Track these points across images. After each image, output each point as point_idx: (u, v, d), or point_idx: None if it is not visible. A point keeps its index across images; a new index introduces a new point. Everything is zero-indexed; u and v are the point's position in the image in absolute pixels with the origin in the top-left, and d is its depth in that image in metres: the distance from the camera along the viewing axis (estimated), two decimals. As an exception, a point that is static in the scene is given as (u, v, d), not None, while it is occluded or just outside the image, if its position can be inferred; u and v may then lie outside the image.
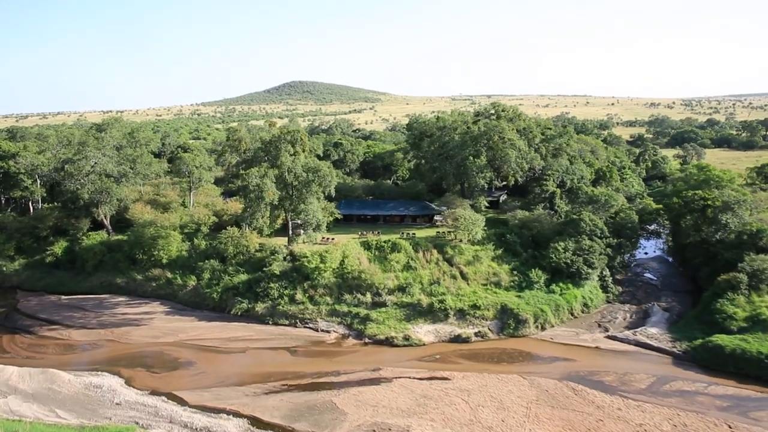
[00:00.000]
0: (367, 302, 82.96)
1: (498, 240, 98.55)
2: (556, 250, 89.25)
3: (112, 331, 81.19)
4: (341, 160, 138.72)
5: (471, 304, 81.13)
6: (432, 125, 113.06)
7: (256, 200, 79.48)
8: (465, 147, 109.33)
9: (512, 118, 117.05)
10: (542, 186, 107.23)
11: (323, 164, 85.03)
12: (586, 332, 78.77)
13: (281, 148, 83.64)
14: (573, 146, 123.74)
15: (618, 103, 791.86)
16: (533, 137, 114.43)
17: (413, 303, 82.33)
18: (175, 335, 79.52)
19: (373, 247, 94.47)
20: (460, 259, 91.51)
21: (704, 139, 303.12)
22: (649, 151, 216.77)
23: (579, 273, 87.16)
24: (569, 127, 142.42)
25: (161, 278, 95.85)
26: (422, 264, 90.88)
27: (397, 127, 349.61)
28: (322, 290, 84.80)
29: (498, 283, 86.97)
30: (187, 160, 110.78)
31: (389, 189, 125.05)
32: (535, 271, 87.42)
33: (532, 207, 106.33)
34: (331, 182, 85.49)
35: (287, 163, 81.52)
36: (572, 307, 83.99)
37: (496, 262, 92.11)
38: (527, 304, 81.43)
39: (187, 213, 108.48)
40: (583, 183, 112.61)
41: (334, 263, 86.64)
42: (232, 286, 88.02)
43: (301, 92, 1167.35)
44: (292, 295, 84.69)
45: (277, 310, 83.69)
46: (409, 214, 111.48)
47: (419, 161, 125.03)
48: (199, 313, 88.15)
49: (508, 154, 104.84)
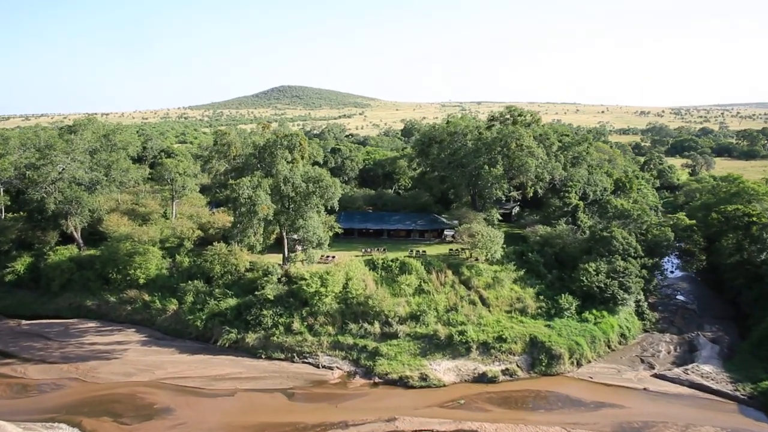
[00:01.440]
0: (375, 333, 71.93)
1: (518, 259, 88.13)
2: (586, 272, 78.98)
3: (77, 367, 69.30)
4: (339, 167, 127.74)
5: (496, 335, 70.47)
6: (442, 130, 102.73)
7: (247, 215, 68.32)
8: (479, 154, 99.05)
9: (529, 123, 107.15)
10: (564, 198, 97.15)
11: (325, 173, 73.99)
12: (629, 369, 68.45)
13: (277, 155, 72.52)
14: (593, 155, 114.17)
15: (608, 111, 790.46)
16: (551, 144, 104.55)
17: (429, 334, 71.47)
18: (152, 372, 67.84)
19: (379, 267, 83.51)
20: (478, 281, 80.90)
21: (704, 148, 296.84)
22: (654, 160, 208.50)
23: (614, 298, 76.93)
24: (588, 134, 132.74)
25: (137, 301, 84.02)
26: (436, 287, 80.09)
27: (390, 133, 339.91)
28: (323, 318, 73.64)
29: (524, 311, 76.41)
30: (170, 166, 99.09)
31: (392, 199, 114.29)
32: (565, 297, 77.03)
33: (553, 222, 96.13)
34: (334, 194, 74.54)
35: (284, 171, 70.38)
36: (609, 339, 73.69)
37: (518, 285, 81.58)
38: (559, 336, 70.97)
39: (169, 225, 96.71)
40: (606, 195, 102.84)
41: (336, 286, 75.51)
42: (219, 312, 76.46)
43: (290, 97, 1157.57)
44: (288, 323, 73.39)
45: (271, 341, 72.36)
46: (417, 229, 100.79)
47: (426, 169, 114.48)
48: (180, 343, 76.50)
49: (527, 163, 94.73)
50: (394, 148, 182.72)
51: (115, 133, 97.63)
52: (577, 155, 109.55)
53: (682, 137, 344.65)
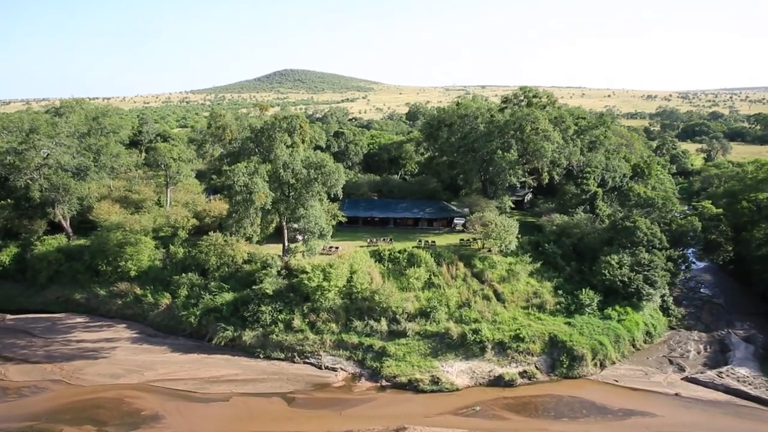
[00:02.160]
0: (382, 331, 66.73)
1: (533, 250, 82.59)
2: (609, 265, 73.38)
3: (61, 367, 64.43)
4: (343, 152, 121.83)
5: (512, 334, 65.17)
6: (452, 113, 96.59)
7: (243, 204, 62.74)
8: (491, 138, 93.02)
9: (545, 106, 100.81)
10: (582, 185, 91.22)
11: (328, 158, 68.19)
12: (657, 371, 63.17)
13: (276, 138, 66.66)
14: (611, 139, 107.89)
15: (614, 95, 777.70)
16: (566, 128, 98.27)
17: (440, 332, 66.23)
18: (141, 373, 62.92)
19: (385, 259, 78.15)
20: (492, 274, 75.48)
21: (716, 132, 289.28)
22: (667, 144, 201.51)
23: (638, 293, 71.43)
24: (606, 116, 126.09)
25: (128, 294, 78.93)
26: (447, 281, 74.72)
27: (394, 116, 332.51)
28: (325, 315, 68.43)
29: (541, 306, 71.06)
30: (163, 151, 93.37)
31: (399, 186, 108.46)
32: (586, 292, 71.55)
33: (570, 210, 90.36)
34: (338, 181, 68.84)
35: (283, 156, 64.63)
36: (634, 337, 68.31)
37: (535, 279, 76.15)
38: (581, 335, 65.63)
39: (163, 213, 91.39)
40: (626, 181, 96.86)
41: (340, 280, 70.13)
42: (214, 307, 71.28)
43: (292, 81, 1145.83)
44: (288, 320, 68.23)
45: (270, 339, 67.26)
46: (425, 217, 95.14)
47: (434, 154, 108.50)
48: (172, 340, 71.58)
49: (543, 148, 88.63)
50: (399, 132, 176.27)
51: (105, 115, 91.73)
52: (594, 139, 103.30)
53: (693, 121, 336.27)
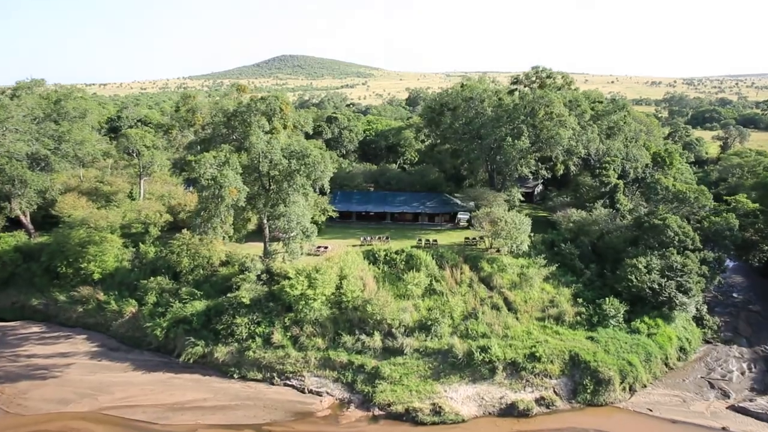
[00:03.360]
0: (375, 348, 57.59)
1: (548, 250, 73.34)
2: (635, 270, 64.06)
3: (2, 390, 55.44)
4: (336, 138, 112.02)
5: (527, 352, 56.02)
6: (456, 95, 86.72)
7: (212, 200, 53.21)
8: (499, 124, 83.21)
9: (560, 87, 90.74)
10: (601, 176, 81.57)
11: (313, 146, 58.46)
12: (697, 397, 54.09)
13: (251, 123, 56.92)
14: (631, 125, 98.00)
15: (618, 81, 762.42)
16: (582, 113, 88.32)
17: (442, 350, 57.08)
18: (94, 398, 54.01)
19: (380, 261, 68.91)
20: (501, 279, 66.23)
21: (728, 119, 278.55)
22: (680, 131, 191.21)
23: (670, 302, 62.19)
24: (626, 101, 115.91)
25: (91, 301, 69.83)
26: (450, 286, 65.49)
27: (394, 102, 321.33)
28: (310, 328, 59.29)
29: (559, 318, 61.88)
30: (134, 138, 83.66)
31: (397, 176, 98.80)
32: (611, 301, 62.34)
33: (588, 205, 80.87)
34: (324, 172, 59.24)
35: (259, 144, 54.93)
36: (667, 355, 59.14)
37: (551, 284, 66.92)
38: (606, 353, 56.47)
39: (134, 208, 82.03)
40: (649, 172, 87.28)
41: (327, 287, 60.85)
42: (183, 318, 62.05)
43: (291, 66, 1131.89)
44: (267, 334, 59.12)
45: (246, 357, 58.19)
46: (426, 212, 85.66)
47: (436, 141, 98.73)
48: (136, 355, 62.62)
49: (558, 134, 78.86)
50: (398, 118, 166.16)
51: (68, 98, 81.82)
52: (612, 125, 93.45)
53: (702, 108, 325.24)
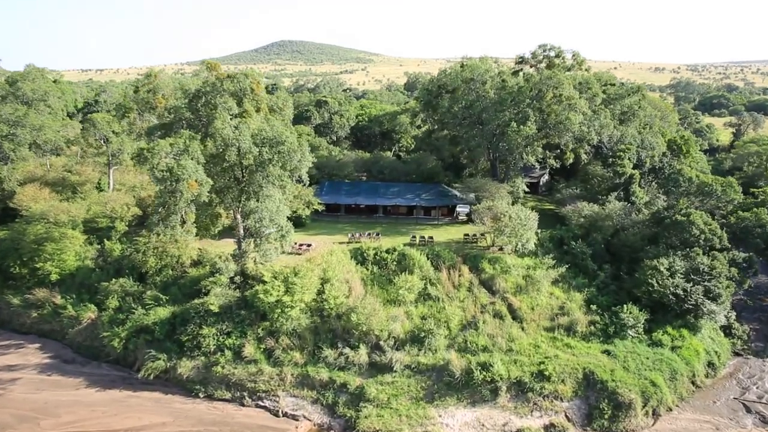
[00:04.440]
0: (360, 363, 50.35)
1: (556, 248, 65.93)
2: (656, 272, 56.61)
3: (-69, 413, 48.29)
4: (326, 124, 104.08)
5: (534, 370, 48.77)
6: (455, 76, 78.66)
7: (169, 195, 45.62)
8: (502, 108, 75.35)
9: (569, 68, 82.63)
10: (615, 166, 73.85)
11: (287, 132, 50.51)
12: (731, 423, 46.88)
13: (217, 105, 49.13)
14: (647, 110, 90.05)
15: (620, 67, 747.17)
16: (593, 96, 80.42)
17: (437, 366, 49.84)
18: (36, 423, 46.90)
19: (369, 261, 61.52)
20: (505, 282, 58.85)
21: (737, 105, 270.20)
22: (690, 118, 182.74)
23: (696, 310, 54.86)
24: (641, 83, 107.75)
25: (46, 305, 62.59)
26: (447, 291, 58.11)
27: (392, 87, 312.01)
28: (287, 340, 52.03)
29: (571, 328, 54.53)
30: (101, 123, 75.86)
31: (391, 165, 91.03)
32: (629, 308, 54.98)
33: (600, 197, 73.35)
34: (302, 162, 51.54)
35: (225, 130, 47.13)
36: (694, 372, 51.89)
37: (560, 288, 59.53)
38: (626, 370, 49.23)
39: (101, 200, 74.54)
40: (668, 161, 79.56)
41: (307, 293, 53.45)
42: (145, 327, 54.77)
43: (290, 52, 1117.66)
44: (237, 347, 51.87)
45: (213, 373, 51.00)
46: (422, 205, 78.07)
47: (433, 127, 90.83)
48: (92, 369, 55.59)
49: (569, 120, 71.11)
50: (395, 103, 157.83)
51: (25, 79, 73.88)
52: (626, 110, 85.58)
53: (710, 94, 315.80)
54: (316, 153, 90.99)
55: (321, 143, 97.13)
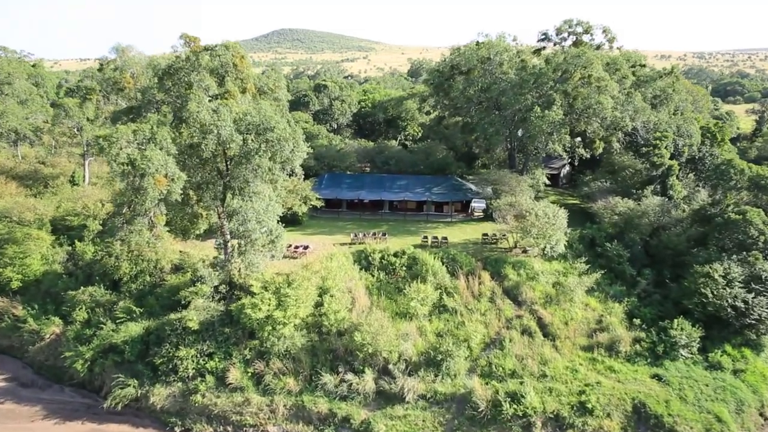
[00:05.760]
0: (366, 391, 42.41)
1: (587, 250, 57.70)
2: (710, 281, 48.43)
3: None
4: (326, 110, 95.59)
5: (574, 401, 40.82)
6: (470, 56, 69.98)
7: (132, 193, 37.44)
8: (523, 90, 66.83)
9: (599, 46, 73.88)
10: (652, 156, 65.39)
11: (277, 116, 42.13)
12: (812, 467, 38.98)
13: (191, 84, 40.75)
14: (681, 94, 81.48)
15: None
16: (622, 78, 71.81)
17: (457, 395, 41.91)
18: (-23, 466, 39.13)
19: (375, 266, 53.34)
20: (532, 291, 50.75)
21: (753, 92, 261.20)
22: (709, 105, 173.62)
23: (759, 326, 46.76)
24: (675, 63, 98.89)
25: (5, 317, 54.83)
26: (466, 301, 50.02)
27: (395, 75, 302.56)
28: (279, 363, 44.06)
29: (612, 347, 46.46)
30: (72, 110, 67.45)
31: (397, 155, 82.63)
32: (680, 323, 46.86)
33: (634, 192, 65.05)
34: (295, 152, 43.22)
35: (200, 114, 38.78)
36: (762, 401, 43.86)
37: (595, 298, 51.42)
38: (683, 401, 41.23)
39: (73, 196, 66.75)
40: (707, 151, 71.25)
41: (303, 307, 45.38)
42: (113, 346, 46.87)
43: (290, 40, 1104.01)
44: (221, 371, 43.97)
45: (192, 403, 43.13)
46: (433, 200, 69.85)
47: (444, 113, 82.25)
48: (53, 394, 47.91)
49: (600, 104, 62.63)
50: (399, 88, 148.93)
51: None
52: (659, 93, 76.98)
53: (724, 80, 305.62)
54: (315, 142, 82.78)
55: (320, 131, 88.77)
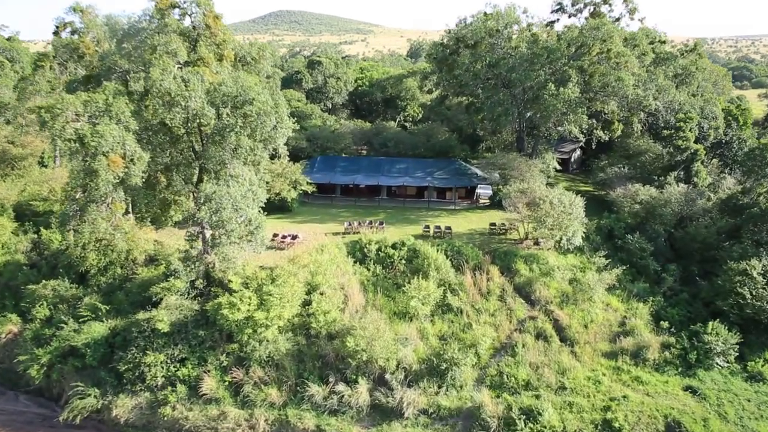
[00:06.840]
0: (359, 404, 37.03)
1: (604, 242, 52.24)
2: (748, 279, 43.05)
3: None
4: (320, 89, 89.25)
5: (598, 418, 35.51)
6: (478, 28, 63.58)
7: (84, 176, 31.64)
8: (535, 66, 60.72)
9: (618, 18, 67.62)
10: (675, 140, 59.60)
11: (258, 87, 36.05)
12: None
13: (156, 47, 34.63)
14: (705, 72, 75.47)
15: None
16: (642, 53, 65.76)
17: (464, 410, 36.58)
18: None
19: (371, 259, 47.70)
20: (546, 289, 45.27)
21: (761, 77, 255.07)
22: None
23: (802, 330, 41.49)
24: (698, 40, 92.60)
25: (-42, 314, 49.20)
26: (473, 300, 44.55)
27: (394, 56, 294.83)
28: (260, 371, 38.59)
29: (638, 354, 41.09)
30: (39, 83, 61.18)
31: (397, 137, 76.58)
32: (715, 327, 41.49)
33: (656, 178, 59.43)
34: (277, 130, 37.26)
35: (165, 82, 32.74)
36: (809, 418, 38.70)
37: (617, 297, 46.01)
38: (723, 419, 36.00)
39: (40, 179, 60.96)
40: (735, 135, 65.56)
41: (288, 306, 39.78)
42: (73, 349, 41.33)
43: (288, 22, 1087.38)
44: (195, 380, 38.53)
45: (161, 416, 37.74)
46: (435, 185, 64.06)
47: (447, 92, 75.98)
48: (6, 402, 43.05)
49: (621, 80, 56.66)
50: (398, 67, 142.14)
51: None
52: (681, 71, 70.99)
53: (732, 64, 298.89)
54: (308, 122, 76.85)
55: (313, 111, 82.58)
